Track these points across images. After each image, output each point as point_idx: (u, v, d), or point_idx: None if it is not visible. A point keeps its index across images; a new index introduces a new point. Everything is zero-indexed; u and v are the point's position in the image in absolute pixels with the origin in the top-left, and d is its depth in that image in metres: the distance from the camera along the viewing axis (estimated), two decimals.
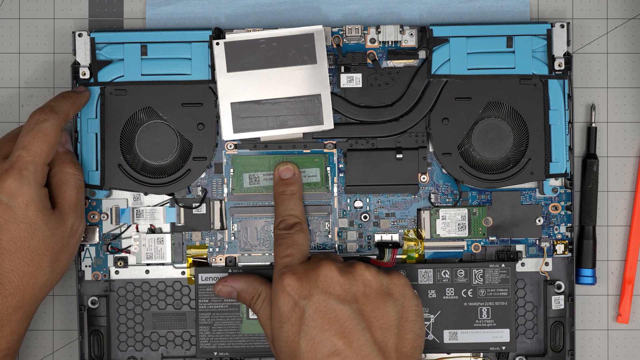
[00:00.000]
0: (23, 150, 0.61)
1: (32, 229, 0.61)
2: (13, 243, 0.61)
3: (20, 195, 0.61)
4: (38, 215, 0.61)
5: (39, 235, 0.62)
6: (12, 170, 0.61)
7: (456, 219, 0.68)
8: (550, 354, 0.68)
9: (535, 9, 0.70)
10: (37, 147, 0.61)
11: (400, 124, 0.68)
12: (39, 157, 0.61)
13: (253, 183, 0.68)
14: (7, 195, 0.61)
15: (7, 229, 0.61)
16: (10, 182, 0.61)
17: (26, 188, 0.61)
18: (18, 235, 0.61)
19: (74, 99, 0.65)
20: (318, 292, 0.60)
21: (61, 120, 0.63)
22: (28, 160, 0.61)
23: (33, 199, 0.61)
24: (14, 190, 0.61)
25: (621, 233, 0.71)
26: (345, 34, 0.68)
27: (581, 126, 0.71)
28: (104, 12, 0.70)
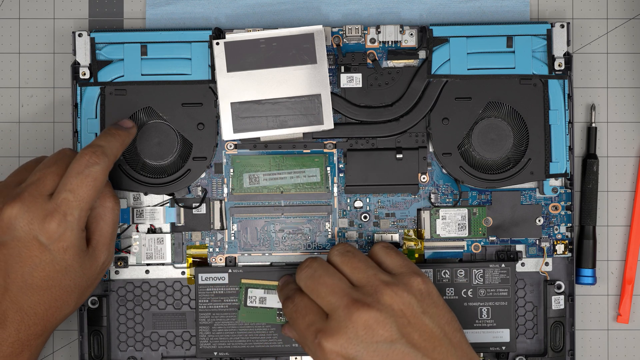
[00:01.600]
0: (70, 193, 0.60)
1: (66, 270, 0.61)
2: (45, 281, 0.60)
3: (62, 240, 0.60)
4: (75, 259, 0.61)
5: (72, 275, 0.61)
6: (57, 214, 0.60)
7: (456, 219, 0.68)
8: (550, 354, 0.68)
9: (535, 9, 0.70)
10: (84, 192, 0.60)
11: (400, 124, 0.68)
12: (85, 203, 0.60)
13: (253, 183, 0.68)
14: (47, 238, 0.60)
15: (41, 268, 0.60)
16: (53, 225, 0.59)
17: (68, 234, 0.60)
18: (51, 275, 0.60)
19: (123, 138, 0.64)
20: (366, 346, 0.58)
21: (110, 162, 0.62)
22: (74, 205, 0.60)
23: (73, 244, 0.60)
24: (56, 235, 0.60)
25: (621, 233, 0.71)
26: (345, 34, 0.68)
27: (581, 126, 0.71)
28: (104, 12, 0.70)
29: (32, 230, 0.60)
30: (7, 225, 0.60)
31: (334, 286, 0.60)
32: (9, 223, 0.60)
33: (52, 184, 0.61)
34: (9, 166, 0.70)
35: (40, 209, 0.60)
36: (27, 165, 0.65)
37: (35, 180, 0.61)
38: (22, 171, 0.64)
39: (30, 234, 0.60)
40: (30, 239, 0.60)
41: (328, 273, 0.61)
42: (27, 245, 0.60)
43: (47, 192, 0.61)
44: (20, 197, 0.60)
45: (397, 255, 0.62)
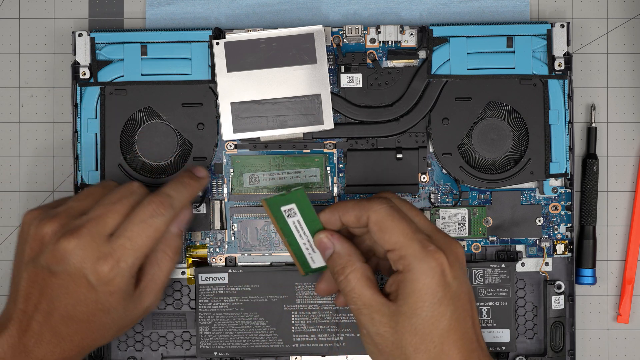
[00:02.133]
0: (128, 240, 0.60)
1: (108, 311, 0.60)
2: (85, 316, 0.60)
3: (110, 284, 0.60)
4: (119, 302, 0.60)
5: (113, 316, 0.61)
6: (110, 259, 0.59)
7: (456, 219, 0.68)
8: (550, 354, 0.68)
9: (535, 9, 0.70)
10: (142, 241, 0.60)
11: (400, 124, 0.68)
12: (140, 252, 0.60)
13: (253, 183, 0.68)
14: (97, 280, 0.59)
15: (85, 304, 0.60)
16: (105, 269, 0.59)
17: (118, 279, 0.60)
18: (93, 312, 0.60)
19: (194, 189, 0.63)
20: (463, 273, 0.60)
21: (175, 214, 0.61)
22: (129, 252, 0.59)
23: (120, 289, 0.60)
24: (106, 279, 0.59)
25: (621, 233, 0.71)
26: (345, 34, 0.68)
27: (581, 126, 0.71)
28: (104, 12, 0.70)
29: (84, 268, 0.59)
30: (61, 257, 0.59)
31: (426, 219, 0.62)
32: (63, 256, 0.59)
33: (113, 223, 0.60)
34: (9, 166, 0.70)
35: (96, 250, 0.59)
36: (92, 191, 0.63)
37: (96, 217, 0.60)
38: (87, 197, 0.63)
39: (80, 272, 0.59)
40: (80, 276, 0.59)
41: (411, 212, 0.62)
42: (76, 281, 0.59)
43: (106, 232, 0.60)
44: (79, 233, 0.59)
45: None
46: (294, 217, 0.63)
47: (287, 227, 0.63)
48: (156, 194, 0.61)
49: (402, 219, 0.59)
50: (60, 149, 0.71)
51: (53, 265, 0.59)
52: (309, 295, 0.67)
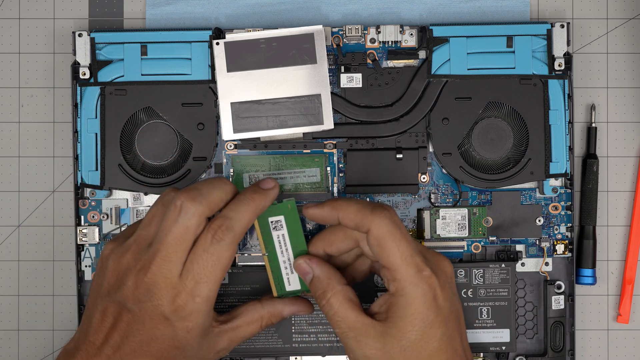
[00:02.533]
0: (196, 273, 0.58)
1: (184, 348, 0.59)
2: (160, 353, 0.59)
3: (188, 320, 0.59)
4: (196, 339, 0.59)
5: (186, 354, 0.60)
6: (185, 294, 0.58)
7: (456, 219, 0.68)
8: (550, 354, 0.68)
9: (535, 9, 0.70)
10: (210, 273, 0.59)
11: (400, 124, 0.68)
12: (212, 283, 0.59)
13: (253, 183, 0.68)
14: (174, 316, 0.58)
15: (161, 341, 0.59)
16: (181, 303, 0.58)
17: (195, 315, 0.59)
18: (167, 350, 0.59)
19: (258, 204, 0.61)
20: (452, 292, 0.60)
21: (237, 235, 0.59)
22: (201, 286, 0.58)
23: (198, 325, 0.59)
24: (184, 314, 0.58)
25: (621, 233, 0.71)
26: (345, 34, 0.68)
27: (581, 126, 0.71)
28: (104, 12, 0.70)
29: (160, 306, 0.58)
30: (138, 295, 0.59)
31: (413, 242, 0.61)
32: (140, 293, 0.58)
33: (177, 256, 0.59)
34: (9, 166, 0.71)
35: (170, 285, 0.58)
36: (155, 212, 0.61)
37: (158, 250, 0.59)
38: (152, 221, 0.61)
39: (157, 309, 0.58)
40: (157, 314, 0.58)
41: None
42: (152, 319, 0.58)
43: (176, 266, 0.59)
44: (151, 270, 0.58)
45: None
46: (280, 231, 0.62)
47: (271, 240, 0.62)
48: (216, 218, 0.60)
49: (403, 239, 0.58)
50: (60, 149, 0.71)
51: (129, 303, 0.59)
52: (309, 295, 0.67)
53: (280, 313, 0.64)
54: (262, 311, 0.63)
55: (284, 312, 0.64)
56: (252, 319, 0.63)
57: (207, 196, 0.59)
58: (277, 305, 0.63)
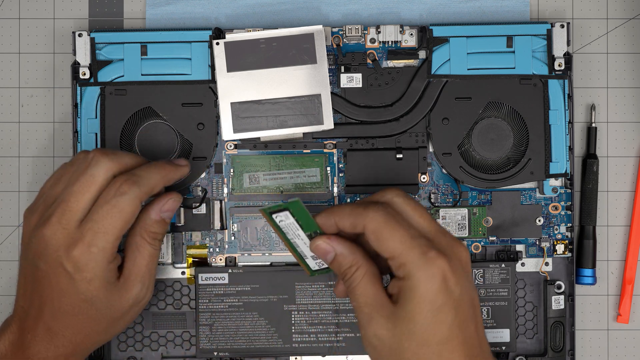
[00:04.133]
0: (95, 224, 0.59)
1: (91, 301, 0.60)
2: (71, 308, 0.60)
3: (85, 270, 0.59)
4: (100, 290, 0.59)
5: (98, 306, 0.60)
6: (80, 244, 0.58)
7: (456, 219, 0.68)
8: (550, 354, 0.68)
9: (535, 9, 0.70)
10: (110, 224, 0.59)
11: (400, 124, 0.68)
12: (110, 234, 0.59)
13: (253, 183, 0.68)
14: (72, 267, 0.59)
15: (68, 295, 0.59)
16: (77, 254, 0.58)
17: (92, 265, 0.59)
18: (76, 304, 0.60)
19: (167, 172, 0.62)
20: (466, 278, 0.58)
21: (142, 193, 0.59)
22: (99, 236, 0.59)
23: (97, 276, 0.59)
24: (80, 264, 0.59)
25: (621, 233, 0.71)
26: (345, 34, 0.68)
27: (581, 126, 0.71)
28: (104, 12, 0.70)
29: (59, 257, 0.59)
30: (40, 249, 0.59)
31: (430, 218, 0.59)
32: (42, 247, 0.59)
33: (78, 206, 0.59)
34: (9, 166, 0.71)
35: (67, 236, 0.59)
36: (63, 172, 0.62)
37: (61, 202, 0.59)
38: (59, 179, 0.62)
39: (57, 261, 0.59)
40: (57, 265, 0.59)
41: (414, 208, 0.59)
42: (55, 272, 0.59)
43: (74, 218, 0.59)
44: (50, 221, 0.59)
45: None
46: (291, 226, 0.61)
47: (285, 235, 0.62)
48: (124, 173, 0.60)
49: (399, 226, 0.57)
50: (60, 149, 0.71)
51: (36, 259, 0.60)
52: (309, 295, 0.67)
53: (149, 219, 0.62)
54: (141, 230, 0.62)
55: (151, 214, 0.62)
56: (136, 244, 0.62)
57: (120, 155, 0.60)
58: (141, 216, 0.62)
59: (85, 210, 0.59)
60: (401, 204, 0.59)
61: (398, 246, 0.57)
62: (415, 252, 0.56)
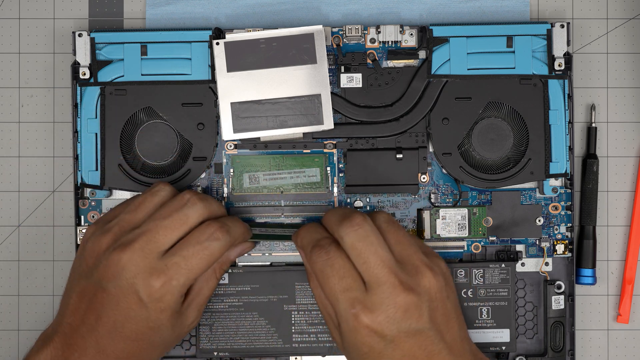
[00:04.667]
0: (182, 260, 0.59)
1: (158, 328, 0.60)
2: (135, 334, 0.60)
3: (161, 301, 0.59)
4: (169, 320, 0.60)
5: (162, 334, 0.61)
6: (163, 276, 0.59)
7: (456, 219, 0.68)
8: (550, 354, 0.68)
9: (535, 9, 0.70)
10: (197, 264, 0.60)
11: (400, 124, 0.68)
12: (193, 273, 0.60)
13: (253, 183, 0.68)
14: (148, 296, 0.59)
15: (134, 321, 0.59)
16: (157, 285, 0.59)
17: (169, 297, 0.60)
18: (142, 331, 0.60)
19: (245, 233, 0.64)
20: (399, 328, 0.58)
21: (230, 243, 0.62)
22: (183, 272, 0.59)
23: (170, 307, 0.60)
24: (158, 295, 0.59)
25: (621, 233, 0.71)
26: (345, 34, 0.68)
27: (581, 126, 0.71)
28: (104, 12, 0.70)
29: (135, 284, 0.59)
30: (113, 272, 0.59)
31: (384, 259, 0.59)
32: (115, 271, 0.59)
33: (165, 240, 0.60)
34: (9, 166, 0.71)
35: (149, 265, 0.59)
36: (143, 200, 0.62)
37: (147, 231, 0.60)
38: (138, 208, 0.62)
39: (132, 288, 0.59)
40: (131, 292, 0.59)
41: (380, 242, 0.59)
42: (127, 297, 0.59)
43: (159, 249, 0.60)
44: (131, 247, 0.59)
45: (416, 238, 0.64)
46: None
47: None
48: (214, 220, 0.62)
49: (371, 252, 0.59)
50: (60, 149, 0.71)
51: (104, 281, 0.59)
52: (309, 295, 0.67)
53: (228, 258, 0.65)
54: (217, 265, 0.64)
55: (230, 256, 0.65)
56: (207, 276, 0.64)
57: (210, 202, 0.62)
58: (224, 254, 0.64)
59: (169, 245, 0.60)
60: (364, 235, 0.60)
61: (328, 293, 0.60)
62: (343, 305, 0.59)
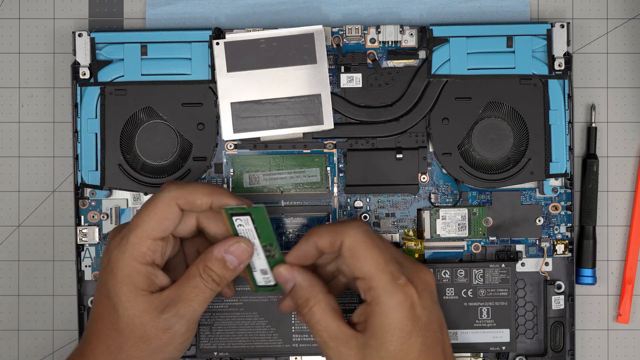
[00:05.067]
0: (131, 222, 0.59)
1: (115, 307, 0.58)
2: (99, 320, 0.59)
3: (116, 268, 0.58)
4: (127, 294, 0.58)
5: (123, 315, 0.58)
6: (118, 237, 0.59)
7: (456, 219, 0.68)
8: (550, 354, 0.68)
9: (535, 9, 0.70)
10: (141, 219, 0.58)
11: (400, 124, 0.68)
12: (139, 229, 0.58)
13: (253, 183, 0.68)
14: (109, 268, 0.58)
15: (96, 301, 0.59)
16: (114, 253, 0.58)
17: (123, 263, 0.58)
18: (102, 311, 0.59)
19: (216, 190, 0.60)
20: (432, 300, 0.59)
21: (180, 196, 0.58)
22: (130, 231, 0.58)
23: (128, 275, 0.58)
24: (113, 261, 0.58)
25: (621, 233, 0.71)
26: (345, 34, 0.68)
27: (581, 126, 0.71)
28: (104, 12, 0.71)
29: (103, 266, 0.60)
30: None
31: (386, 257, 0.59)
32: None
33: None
34: (9, 166, 0.71)
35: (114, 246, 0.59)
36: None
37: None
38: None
39: (101, 276, 0.60)
40: (101, 283, 0.60)
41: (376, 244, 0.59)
42: (99, 296, 0.60)
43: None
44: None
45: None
46: (249, 233, 0.60)
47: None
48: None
49: (375, 247, 0.58)
50: (60, 149, 0.71)
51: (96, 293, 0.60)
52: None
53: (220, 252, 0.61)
54: (201, 258, 0.60)
55: (217, 255, 0.61)
56: (203, 271, 0.60)
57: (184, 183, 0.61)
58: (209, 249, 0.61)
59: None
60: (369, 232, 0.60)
61: (371, 268, 0.58)
62: (386, 277, 0.57)
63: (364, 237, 0.58)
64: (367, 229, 0.59)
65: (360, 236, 0.58)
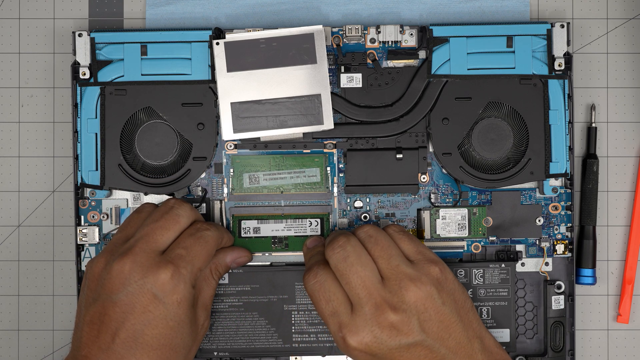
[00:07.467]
0: (184, 250, 0.61)
1: (178, 327, 0.60)
2: (157, 340, 0.59)
3: (176, 292, 0.60)
4: (187, 314, 0.60)
5: (182, 334, 0.60)
6: (170, 266, 0.60)
7: (456, 219, 0.68)
8: (550, 354, 0.68)
9: (535, 9, 0.70)
10: (197, 250, 0.61)
11: (400, 124, 0.68)
12: (196, 260, 0.61)
13: (253, 183, 0.68)
14: (161, 290, 0.59)
15: (154, 325, 0.59)
16: (165, 277, 0.59)
17: (182, 287, 0.60)
18: (163, 333, 0.59)
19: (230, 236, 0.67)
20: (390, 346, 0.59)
21: (219, 238, 0.64)
22: (187, 260, 0.61)
23: (185, 298, 0.60)
24: (170, 286, 0.59)
25: (621, 233, 0.71)
26: (345, 34, 0.68)
27: (581, 126, 0.71)
28: (104, 12, 0.71)
29: (146, 282, 0.59)
30: (121, 281, 0.59)
31: (365, 279, 0.60)
32: (122, 279, 0.59)
33: (163, 239, 0.61)
34: (9, 166, 0.71)
35: (153, 261, 0.60)
36: (132, 218, 0.64)
37: (144, 235, 0.61)
38: (129, 225, 0.63)
39: (144, 287, 0.59)
40: (145, 291, 0.59)
41: (361, 261, 0.60)
42: (141, 299, 0.59)
43: (157, 248, 0.61)
44: (132, 251, 0.60)
45: (411, 241, 0.63)
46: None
47: None
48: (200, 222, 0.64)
49: (352, 273, 0.60)
50: (60, 149, 0.71)
51: (113, 294, 0.59)
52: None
53: (224, 261, 0.65)
54: (214, 267, 0.65)
55: (226, 259, 0.66)
56: (205, 276, 0.64)
57: (193, 208, 0.64)
58: (218, 255, 0.65)
59: (166, 245, 0.62)
60: (381, 233, 0.63)
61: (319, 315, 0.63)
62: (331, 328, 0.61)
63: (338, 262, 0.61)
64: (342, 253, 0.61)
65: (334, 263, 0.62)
